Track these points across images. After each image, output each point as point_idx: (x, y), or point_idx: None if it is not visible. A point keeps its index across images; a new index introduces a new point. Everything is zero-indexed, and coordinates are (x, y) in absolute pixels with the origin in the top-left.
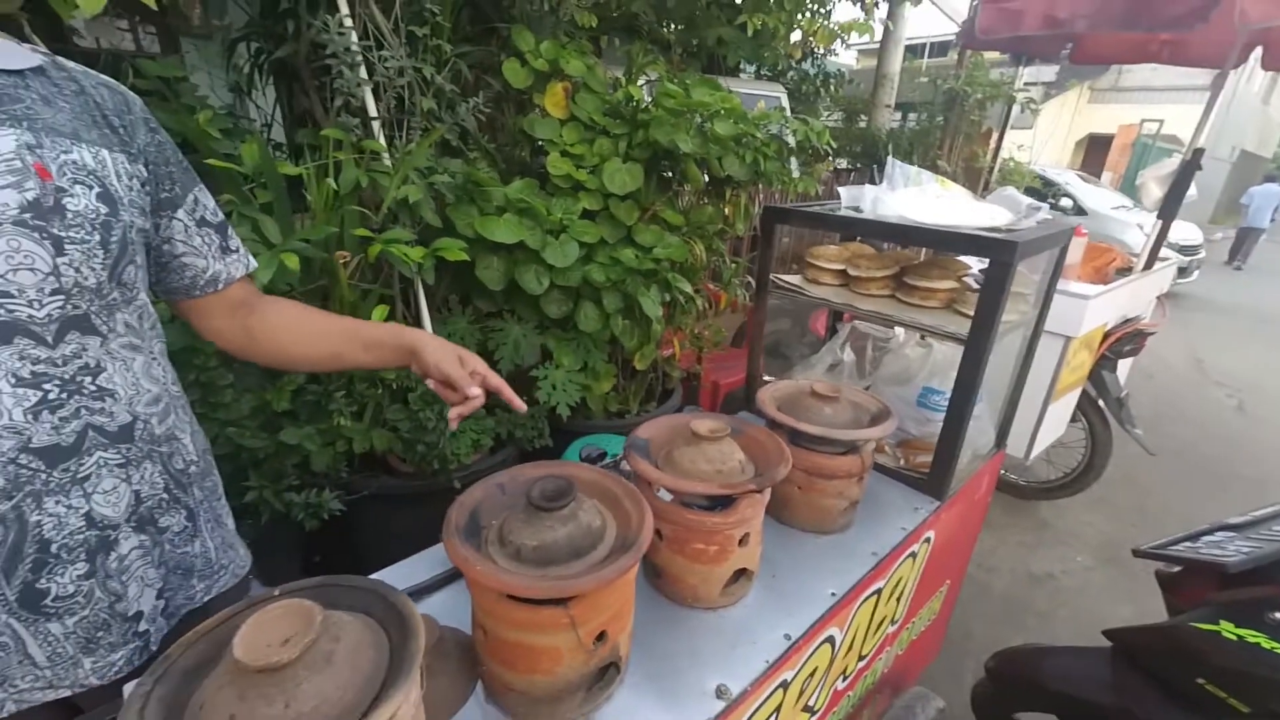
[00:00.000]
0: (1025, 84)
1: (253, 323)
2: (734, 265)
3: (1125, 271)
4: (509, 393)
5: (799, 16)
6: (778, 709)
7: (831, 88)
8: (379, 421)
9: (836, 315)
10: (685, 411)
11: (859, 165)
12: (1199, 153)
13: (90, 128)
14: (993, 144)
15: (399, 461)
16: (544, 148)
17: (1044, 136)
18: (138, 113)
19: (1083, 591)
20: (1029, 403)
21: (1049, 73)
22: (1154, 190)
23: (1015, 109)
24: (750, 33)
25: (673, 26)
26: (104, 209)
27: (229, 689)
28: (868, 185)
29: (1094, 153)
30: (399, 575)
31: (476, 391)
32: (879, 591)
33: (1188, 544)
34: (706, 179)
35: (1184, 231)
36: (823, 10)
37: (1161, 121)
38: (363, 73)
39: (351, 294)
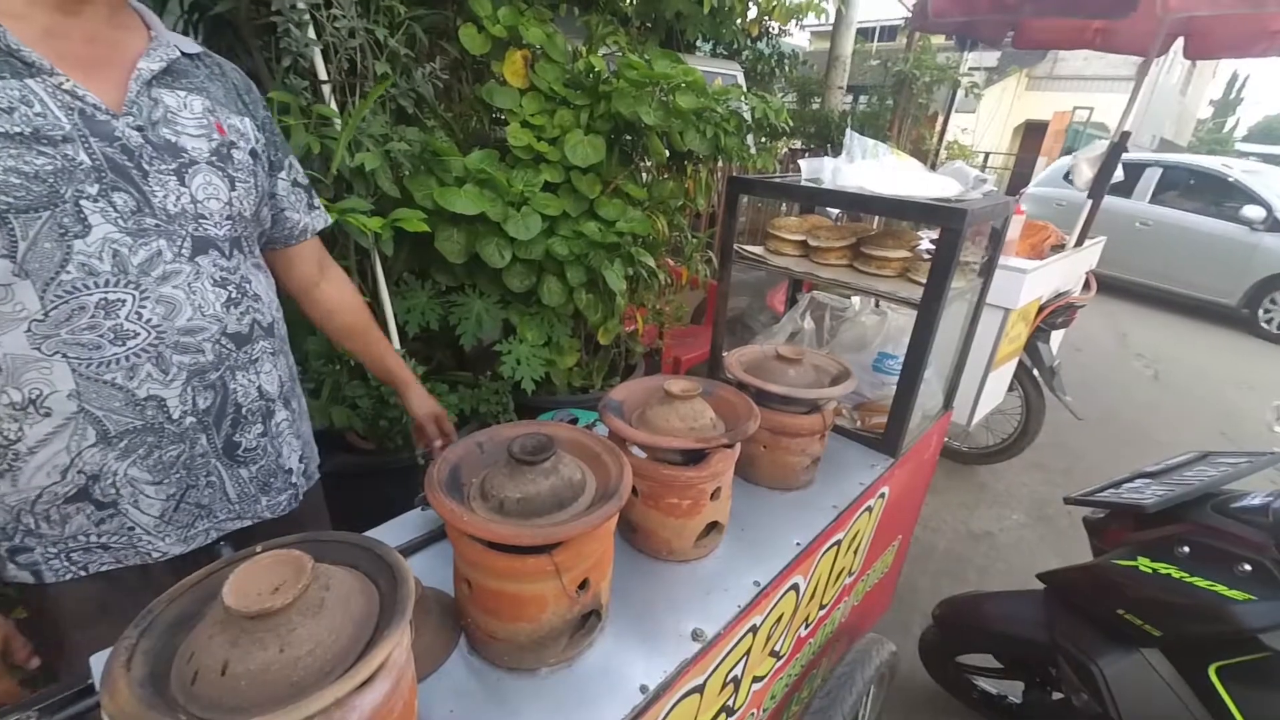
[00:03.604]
0: (969, 69)
1: (317, 295)
2: (695, 240)
3: (1059, 248)
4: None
5: None
6: (748, 652)
7: (786, 68)
8: (337, 398)
9: (797, 286)
10: None
11: (813, 146)
12: (1125, 135)
13: (235, 101)
14: (938, 126)
15: (359, 439)
16: (503, 118)
17: (985, 121)
18: (256, 94)
19: (1017, 546)
20: (971, 371)
21: (991, 58)
22: (1085, 171)
23: (960, 93)
24: (707, 8)
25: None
26: (251, 161)
27: (220, 637)
28: (827, 158)
29: (1030, 138)
30: None
31: (437, 444)
32: (839, 543)
33: (1111, 490)
34: (668, 153)
35: None
36: None
37: (1092, 109)
38: (311, 33)
39: None
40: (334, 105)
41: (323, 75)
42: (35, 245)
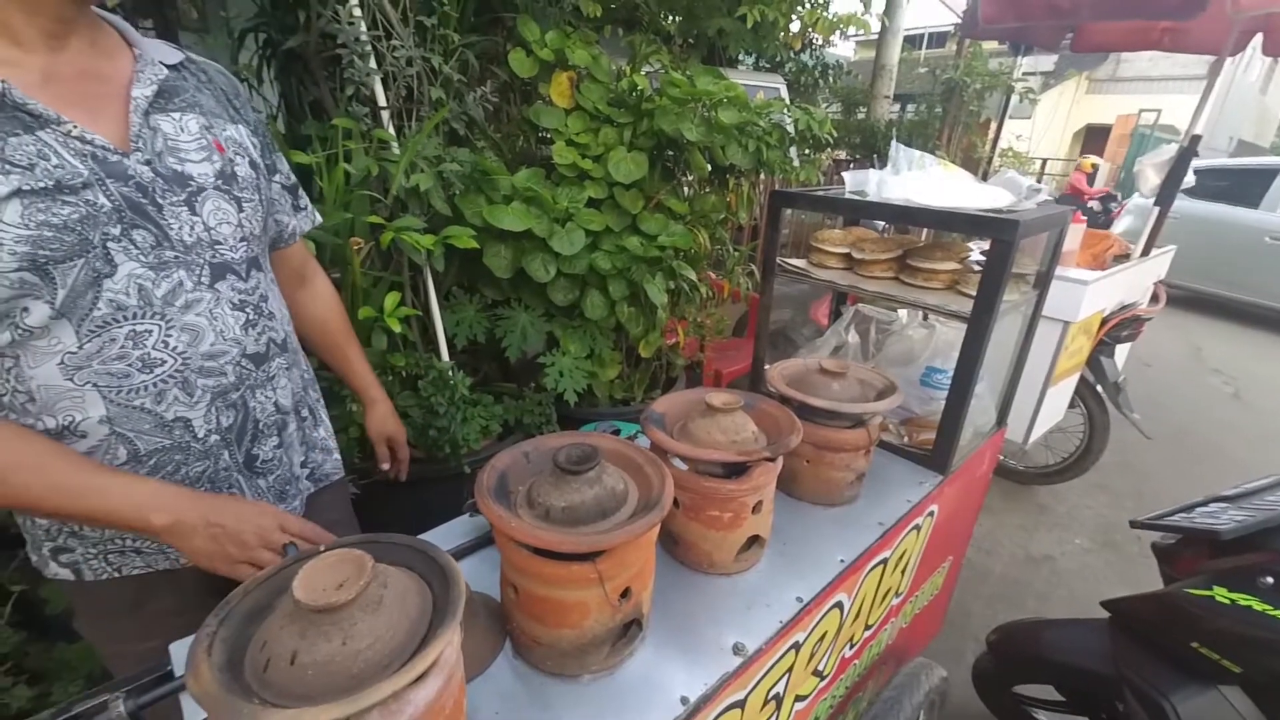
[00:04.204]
0: (1024, 74)
1: (298, 298)
2: (737, 253)
3: (1123, 258)
4: (403, 466)
5: (798, 8)
6: (790, 670)
7: (830, 79)
8: None
9: (841, 299)
10: None
11: (858, 156)
12: (1196, 139)
13: (226, 108)
14: (991, 134)
15: (410, 446)
16: (549, 137)
17: (1042, 126)
18: (244, 95)
19: (1080, 573)
20: (1028, 387)
21: (1047, 62)
22: (1151, 177)
23: (1014, 99)
24: (750, 24)
25: (673, 18)
26: (254, 174)
27: (290, 628)
28: (871, 169)
29: (1092, 143)
30: None
31: (384, 467)
32: (885, 561)
33: (1183, 515)
34: (710, 168)
35: None
36: (821, 1)
37: (1159, 111)
38: (372, 63)
39: (364, 280)
40: (392, 130)
41: (382, 102)
42: (72, 290)
